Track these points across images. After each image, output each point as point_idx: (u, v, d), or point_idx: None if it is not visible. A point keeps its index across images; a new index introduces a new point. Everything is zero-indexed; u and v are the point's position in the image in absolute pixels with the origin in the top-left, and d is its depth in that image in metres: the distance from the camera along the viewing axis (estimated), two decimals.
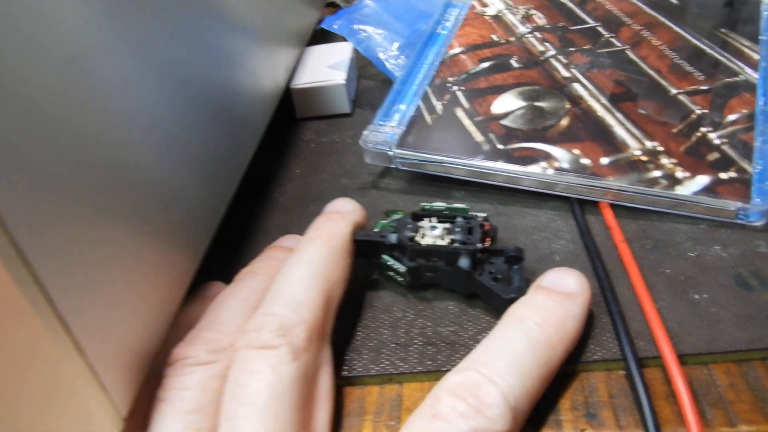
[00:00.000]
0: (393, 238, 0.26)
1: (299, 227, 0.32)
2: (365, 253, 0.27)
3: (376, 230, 0.28)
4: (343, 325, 0.26)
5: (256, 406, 0.20)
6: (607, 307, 0.25)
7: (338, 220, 0.27)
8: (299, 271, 0.24)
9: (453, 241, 0.26)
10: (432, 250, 0.26)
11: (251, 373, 0.20)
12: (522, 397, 0.20)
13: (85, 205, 0.19)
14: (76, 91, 0.19)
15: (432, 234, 0.26)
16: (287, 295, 0.23)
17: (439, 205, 0.29)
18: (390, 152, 0.33)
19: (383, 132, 0.34)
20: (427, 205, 0.29)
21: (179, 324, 0.24)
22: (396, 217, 0.29)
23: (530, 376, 0.20)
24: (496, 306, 0.25)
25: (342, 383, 0.24)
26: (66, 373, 0.18)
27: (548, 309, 0.22)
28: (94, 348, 0.18)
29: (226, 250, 0.31)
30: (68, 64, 0.19)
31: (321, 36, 0.48)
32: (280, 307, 0.22)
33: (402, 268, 0.26)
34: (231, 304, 0.24)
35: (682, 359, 0.23)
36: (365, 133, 0.34)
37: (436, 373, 0.24)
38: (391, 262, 0.26)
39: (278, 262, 0.26)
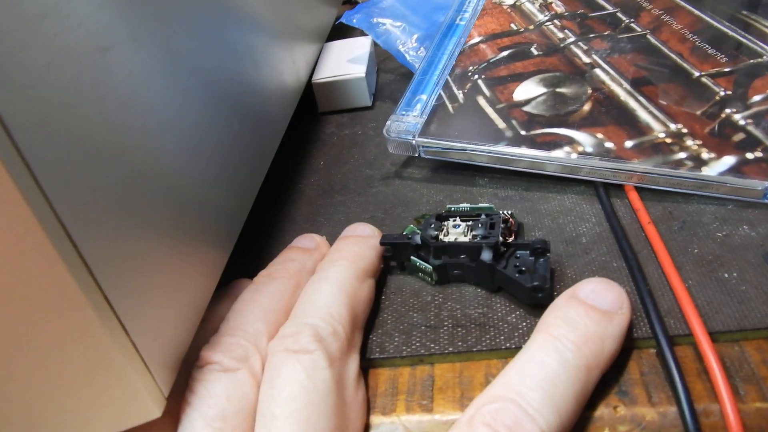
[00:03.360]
0: (417, 238, 0.27)
1: (325, 216, 0.33)
2: (394, 258, 0.28)
3: (404, 233, 0.28)
4: (373, 310, 0.26)
5: (291, 409, 0.20)
6: (635, 286, 0.25)
7: (360, 243, 0.27)
8: (327, 287, 0.24)
9: (475, 236, 0.26)
10: (454, 246, 0.26)
11: (287, 377, 0.21)
12: None
13: (123, 200, 0.19)
14: (109, 83, 0.19)
15: (455, 231, 0.27)
16: (319, 308, 0.23)
17: (464, 206, 0.30)
18: (413, 141, 0.33)
19: (406, 122, 0.34)
20: (452, 206, 0.30)
21: (209, 321, 0.25)
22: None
23: (567, 408, 0.19)
24: (521, 297, 0.25)
25: (373, 365, 0.25)
26: (112, 352, 0.18)
27: (586, 329, 0.21)
28: (137, 328, 0.19)
29: (255, 241, 0.32)
30: (101, 54, 0.19)
31: (341, 31, 0.49)
32: (315, 317, 0.23)
33: (429, 267, 0.27)
34: (250, 309, 0.24)
35: (713, 336, 0.23)
36: (388, 123, 0.34)
37: (467, 354, 0.24)
38: (418, 262, 0.27)
39: (295, 263, 0.27)
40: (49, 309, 0.17)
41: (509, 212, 0.29)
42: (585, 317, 0.22)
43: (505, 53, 0.37)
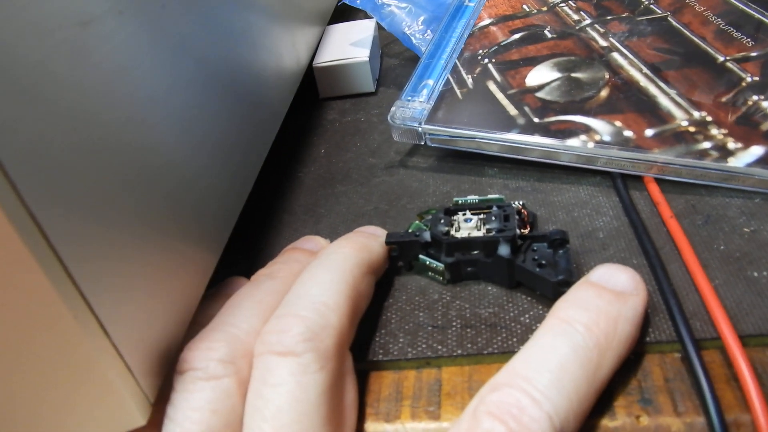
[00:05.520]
0: (427, 235, 0.25)
1: (325, 207, 0.31)
2: (400, 257, 0.26)
3: (410, 231, 0.26)
4: (376, 308, 0.25)
5: (281, 423, 0.18)
6: (658, 285, 0.23)
7: (369, 237, 0.25)
8: (327, 274, 0.22)
9: (489, 230, 0.25)
10: (468, 242, 0.24)
11: (274, 386, 0.19)
12: (569, 417, 0.18)
13: (103, 190, 0.18)
14: (88, 61, 0.18)
15: (467, 226, 0.25)
16: (314, 296, 0.21)
17: (473, 198, 0.28)
18: (419, 128, 0.31)
19: (411, 108, 0.32)
20: (459, 199, 0.28)
21: (199, 323, 0.22)
22: (430, 217, 0.28)
23: (577, 391, 0.18)
24: (545, 293, 0.23)
25: (376, 367, 0.23)
26: (91, 355, 0.17)
27: (597, 309, 0.20)
28: (117, 329, 0.17)
29: (251, 233, 0.30)
30: (80, 27, 0.17)
31: (344, 13, 0.47)
32: (306, 309, 0.20)
33: (440, 266, 0.25)
34: (246, 305, 0.22)
35: (744, 340, 0.21)
36: (393, 109, 0.32)
37: (476, 357, 0.22)
38: (428, 261, 0.25)
39: (298, 264, 0.24)
40: (20, 309, 0.16)
41: (521, 203, 0.27)
42: (596, 298, 0.20)
43: (516, 36, 0.35)
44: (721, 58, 0.31)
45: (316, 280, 0.22)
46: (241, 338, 0.20)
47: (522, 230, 0.25)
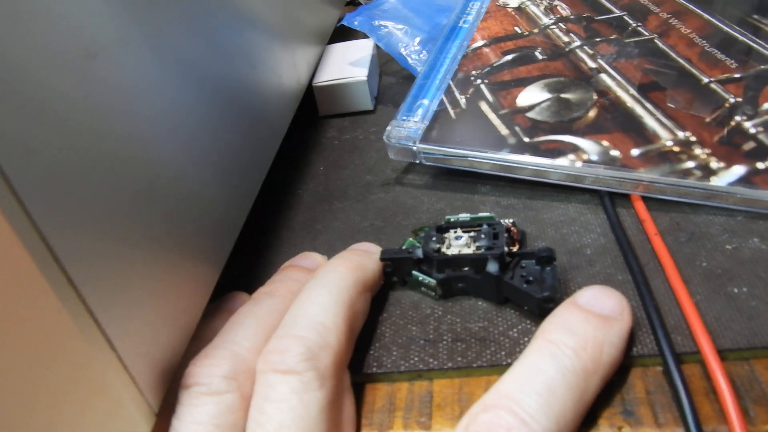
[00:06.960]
0: (419, 252, 0.26)
1: (323, 224, 0.32)
2: (395, 273, 0.27)
3: (403, 248, 0.27)
4: (371, 323, 0.26)
5: None
6: (641, 301, 0.24)
7: (364, 255, 0.26)
8: (324, 295, 0.23)
9: (479, 248, 0.26)
10: (458, 259, 0.25)
11: (276, 402, 0.20)
12: None
13: (110, 208, 0.19)
14: (97, 90, 0.19)
15: (457, 243, 0.26)
16: (312, 317, 0.22)
17: (464, 216, 0.29)
18: (414, 147, 0.33)
19: (406, 127, 0.33)
20: (451, 217, 0.29)
21: (201, 337, 0.23)
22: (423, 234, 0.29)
23: (564, 414, 0.19)
24: (531, 309, 0.24)
25: (370, 379, 0.24)
26: (97, 368, 0.18)
27: (585, 334, 0.21)
28: (123, 343, 0.18)
29: (251, 249, 0.31)
30: (89, 59, 0.19)
31: (342, 33, 0.48)
32: (305, 329, 0.21)
33: (432, 282, 0.26)
34: (248, 323, 0.23)
35: (722, 354, 0.22)
36: (388, 128, 0.34)
37: (466, 369, 0.23)
38: (421, 277, 0.26)
39: (297, 283, 0.26)
40: (30, 324, 0.17)
41: (510, 221, 0.28)
42: (584, 323, 0.21)
43: (508, 57, 0.36)
44: (705, 80, 0.32)
45: (314, 300, 0.23)
46: (243, 355, 0.21)
47: (511, 247, 0.26)
